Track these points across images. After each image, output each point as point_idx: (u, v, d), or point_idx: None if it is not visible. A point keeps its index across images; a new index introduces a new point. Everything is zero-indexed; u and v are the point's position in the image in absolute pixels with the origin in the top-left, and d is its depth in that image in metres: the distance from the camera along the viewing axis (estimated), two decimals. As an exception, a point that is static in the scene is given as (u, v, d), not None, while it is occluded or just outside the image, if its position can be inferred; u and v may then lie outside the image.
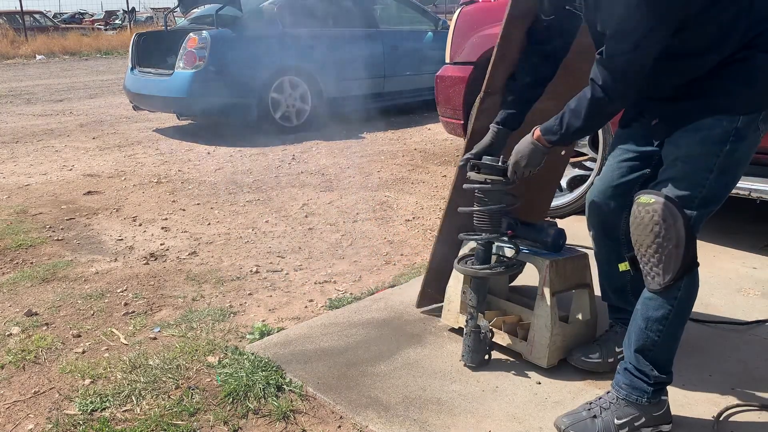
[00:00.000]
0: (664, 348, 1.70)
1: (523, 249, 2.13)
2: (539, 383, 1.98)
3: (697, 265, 1.65)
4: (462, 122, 4.06)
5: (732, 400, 1.87)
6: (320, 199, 4.17)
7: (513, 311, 2.27)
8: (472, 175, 2.00)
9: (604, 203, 1.93)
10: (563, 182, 3.62)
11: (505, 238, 2.10)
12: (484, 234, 2.03)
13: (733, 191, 2.76)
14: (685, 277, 1.63)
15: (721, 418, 1.79)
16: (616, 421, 1.71)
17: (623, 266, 1.89)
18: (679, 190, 1.63)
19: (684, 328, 1.71)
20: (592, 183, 3.40)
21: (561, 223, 3.45)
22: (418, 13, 7.78)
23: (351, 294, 2.72)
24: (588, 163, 3.61)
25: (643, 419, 1.72)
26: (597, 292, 2.12)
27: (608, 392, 1.78)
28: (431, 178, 4.64)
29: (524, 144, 1.87)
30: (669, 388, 1.93)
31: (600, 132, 3.36)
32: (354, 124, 6.89)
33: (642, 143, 1.85)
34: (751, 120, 1.59)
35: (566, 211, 3.54)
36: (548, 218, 2.95)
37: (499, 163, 1.95)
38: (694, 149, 1.62)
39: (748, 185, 2.76)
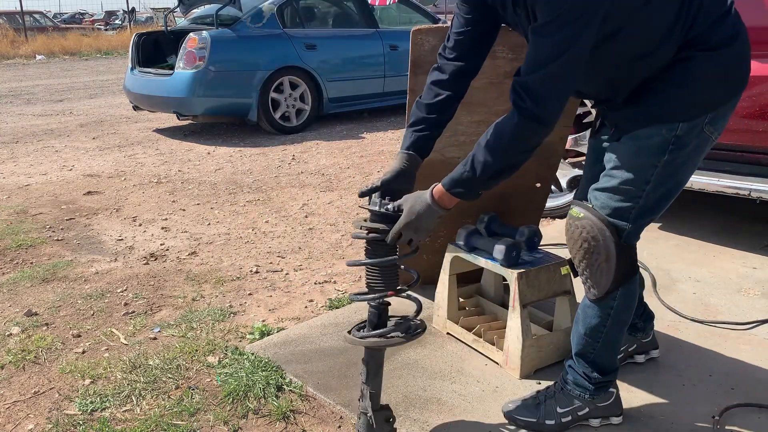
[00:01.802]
0: (604, 352, 1.71)
1: (495, 260, 2.08)
2: (539, 383, 1.98)
3: (635, 274, 1.65)
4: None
5: (732, 400, 1.87)
6: (320, 199, 4.18)
7: (504, 317, 2.26)
8: (363, 223, 1.65)
9: None
10: (563, 182, 3.63)
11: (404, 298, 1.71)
12: (375, 293, 1.63)
13: (733, 191, 2.80)
14: (620, 288, 1.62)
15: (721, 418, 1.79)
16: (558, 409, 1.75)
17: (564, 270, 1.87)
18: (614, 202, 1.57)
19: (624, 333, 1.73)
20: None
21: (560, 222, 3.46)
22: (418, 13, 7.78)
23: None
24: (588, 163, 3.60)
25: (587, 409, 1.75)
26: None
27: (556, 383, 1.82)
28: (431, 178, 4.63)
29: (420, 204, 1.55)
30: (669, 387, 1.94)
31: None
32: (354, 124, 6.89)
33: None
34: (694, 126, 1.50)
35: (566, 211, 3.53)
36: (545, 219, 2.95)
37: (382, 209, 1.60)
38: (631, 160, 1.54)
39: (748, 185, 2.76)
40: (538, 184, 2.51)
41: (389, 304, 1.67)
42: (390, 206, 1.58)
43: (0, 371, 2.20)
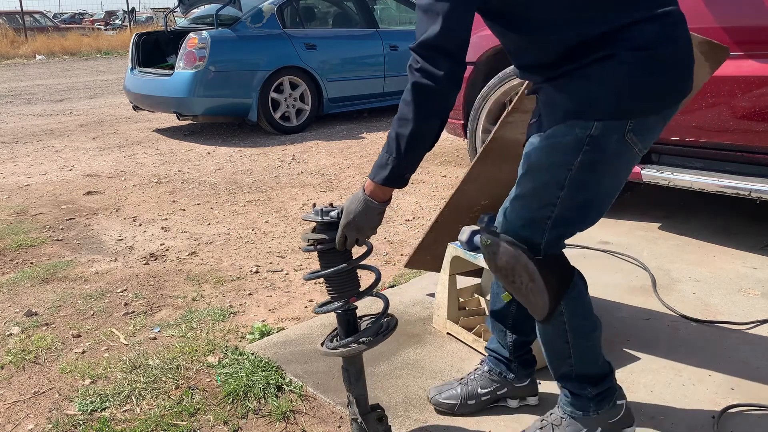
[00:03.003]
0: (582, 365, 1.59)
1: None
2: (539, 383, 1.98)
3: (570, 280, 1.52)
4: (462, 122, 4.07)
5: (732, 400, 1.87)
6: (320, 199, 4.17)
7: None
8: (310, 235, 1.59)
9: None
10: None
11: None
12: (336, 302, 1.61)
13: (733, 191, 2.80)
14: (562, 301, 1.51)
15: (721, 418, 1.79)
16: None
17: (506, 296, 1.73)
18: (528, 211, 1.47)
19: (595, 338, 1.59)
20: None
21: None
22: (418, 13, 7.77)
23: (351, 294, 2.72)
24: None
25: (599, 429, 1.62)
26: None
27: (558, 406, 1.67)
28: (431, 178, 4.64)
29: (355, 202, 1.51)
30: (669, 387, 1.94)
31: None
32: (354, 124, 6.89)
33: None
34: (612, 129, 1.38)
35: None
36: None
37: (325, 217, 1.55)
38: (543, 160, 1.44)
39: (748, 185, 2.76)
40: None
41: (356, 308, 1.64)
42: (333, 212, 1.55)
43: (0, 371, 2.20)
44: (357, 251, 1.59)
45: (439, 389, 1.89)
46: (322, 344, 1.67)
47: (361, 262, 1.61)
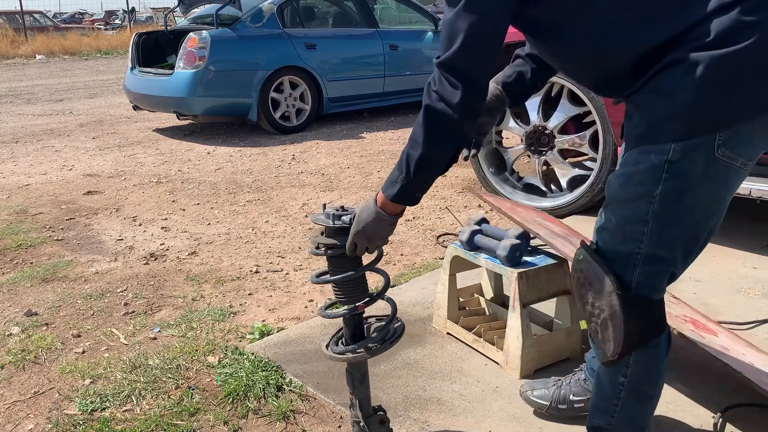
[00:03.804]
0: (620, 428, 1.42)
1: (495, 259, 2.09)
2: (539, 383, 1.98)
3: (656, 336, 1.34)
4: (462, 122, 4.06)
5: (732, 400, 1.87)
6: (320, 199, 4.17)
7: (504, 317, 2.26)
8: (320, 239, 1.55)
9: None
10: (563, 182, 3.62)
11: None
12: (345, 306, 1.58)
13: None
14: (633, 353, 1.33)
15: (721, 418, 1.79)
16: None
17: (583, 324, 1.56)
18: (615, 244, 1.30)
19: (648, 407, 1.43)
20: (592, 183, 3.40)
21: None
22: (418, 13, 7.78)
23: (351, 294, 2.71)
24: (588, 163, 3.61)
25: None
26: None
27: None
28: (431, 178, 4.63)
29: (367, 211, 1.43)
30: (669, 387, 1.94)
31: (600, 131, 3.35)
32: (354, 124, 6.89)
33: None
34: (695, 148, 1.16)
35: (566, 211, 3.54)
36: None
37: (337, 223, 1.51)
38: (621, 192, 1.28)
39: (748, 185, 2.76)
40: None
41: (363, 312, 1.61)
42: (345, 218, 1.51)
43: (0, 371, 2.20)
44: (367, 255, 1.57)
45: (532, 385, 1.82)
46: (327, 346, 1.64)
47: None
